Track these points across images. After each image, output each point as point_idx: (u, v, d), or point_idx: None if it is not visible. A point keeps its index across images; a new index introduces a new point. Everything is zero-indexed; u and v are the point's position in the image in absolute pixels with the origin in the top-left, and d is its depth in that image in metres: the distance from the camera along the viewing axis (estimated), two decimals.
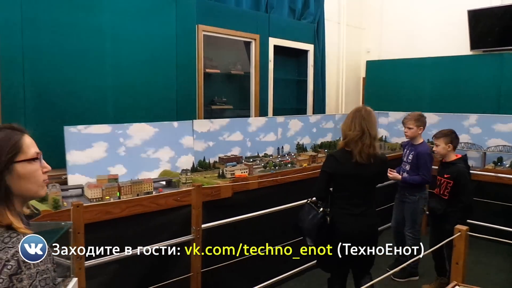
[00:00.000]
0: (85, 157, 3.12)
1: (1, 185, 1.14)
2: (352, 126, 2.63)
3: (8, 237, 1.11)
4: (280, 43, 5.40)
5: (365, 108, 2.71)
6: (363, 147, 2.57)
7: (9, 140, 1.17)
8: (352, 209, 2.67)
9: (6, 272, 1.05)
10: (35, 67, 3.16)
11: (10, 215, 1.15)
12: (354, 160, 2.59)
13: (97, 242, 2.44)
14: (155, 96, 3.85)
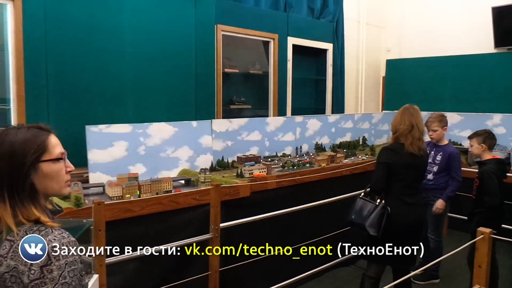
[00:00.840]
0: (106, 156, 3.17)
1: (27, 183, 1.18)
2: (402, 121, 2.88)
3: (37, 231, 1.14)
4: (298, 43, 5.38)
5: (412, 106, 2.96)
6: (413, 140, 2.82)
7: (36, 140, 1.20)
8: (407, 199, 2.85)
9: (37, 263, 1.09)
10: (58, 67, 3.23)
11: (36, 211, 1.18)
12: (408, 151, 2.82)
13: (118, 240, 2.47)
14: (175, 96, 3.90)
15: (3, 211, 1.14)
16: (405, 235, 2.82)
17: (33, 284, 1.08)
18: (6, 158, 1.15)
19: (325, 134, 4.90)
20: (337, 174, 3.97)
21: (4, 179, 1.15)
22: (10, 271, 1.10)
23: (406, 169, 2.85)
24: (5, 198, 1.15)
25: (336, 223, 3.82)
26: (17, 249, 1.11)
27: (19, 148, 1.17)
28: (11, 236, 1.14)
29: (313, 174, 3.84)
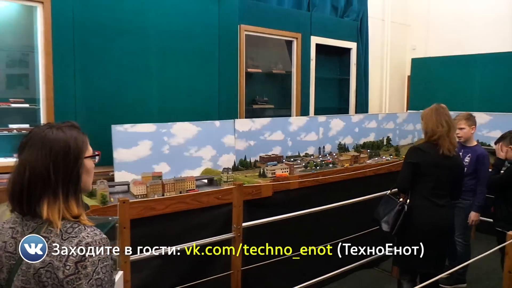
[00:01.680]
0: (131, 155, 3.23)
1: (80, 178, 1.24)
2: (439, 123, 2.80)
3: (71, 228, 1.18)
4: (322, 42, 5.34)
5: (441, 105, 2.91)
6: (451, 140, 2.78)
7: (83, 138, 1.27)
8: (436, 200, 2.79)
9: (72, 259, 1.13)
10: (85, 68, 3.31)
11: (79, 207, 1.23)
12: (441, 152, 2.76)
13: (142, 237, 2.52)
14: (198, 96, 3.93)
15: (52, 206, 1.17)
16: (433, 237, 2.75)
17: (68, 279, 1.11)
18: (62, 155, 1.19)
19: (348, 134, 4.86)
20: (361, 174, 3.92)
21: (59, 175, 1.18)
22: (45, 267, 1.13)
23: (436, 169, 2.79)
24: (58, 193, 1.18)
25: (359, 224, 3.78)
26: (52, 245, 1.14)
27: (73, 145, 1.22)
28: (46, 232, 1.17)
29: (336, 174, 3.80)
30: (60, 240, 1.15)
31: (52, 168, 1.18)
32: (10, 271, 1.19)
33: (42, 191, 1.17)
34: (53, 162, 1.18)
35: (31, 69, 3.26)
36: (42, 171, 1.17)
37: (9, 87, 3.27)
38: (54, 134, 1.21)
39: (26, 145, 1.22)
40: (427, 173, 2.80)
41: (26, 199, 1.18)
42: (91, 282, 1.13)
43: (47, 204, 1.17)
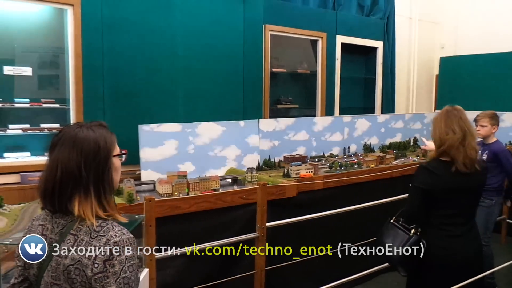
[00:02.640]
0: (157, 154, 3.28)
1: (110, 176, 1.27)
2: (449, 129, 2.21)
3: (99, 226, 1.20)
4: (347, 41, 5.28)
5: (455, 107, 2.30)
6: (466, 152, 2.15)
7: (111, 137, 1.30)
8: (453, 230, 2.22)
9: (100, 258, 1.15)
10: (113, 69, 3.39)
11: (113, 206, 1.27)
12: (454, 169, 2.16)
13: (167, 236, 2.55)
14: (223, 96, 3.96)
15: (84, 204, 1.20)
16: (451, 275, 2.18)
17: (96, 277, 1.14)
18: (92, 153, 1.22)
19: (374, 134, 4.79)
20: (386, 175, 3.86)
21: (90, 173, 1.21)
22: (74, 264, 1.16)
23: (450, 194, 2.21)
24: (90, 191, 1.21)
25: None
26: (81, 243, 1.17)
27: (103, 144, 1.25)
28: (75, 230, 1.20)
29: (361, 175, 3.76)
30: (89, 238, 1.18)
31: (83, 166, 1.20)
32: (40, 267, 1.22)
33: (73, 188, 1.20)
34: (84, 160, 1.21)
35: (62, 70, 3.36)
36: (73, 169, 1.19)
37: (40, 88, 3.37)
38: (85, 133, 1.24)
39: (57, 144, 1.24)
40: (439, 199, 2.22)
41: (58, 196, 1.20)
42: (119, 281, 1.15)
43: (79, 201, 1.20)
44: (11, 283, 1.32)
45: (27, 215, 2.35)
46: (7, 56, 3.17)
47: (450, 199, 2.21)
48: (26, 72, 3.19)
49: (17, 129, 3.17)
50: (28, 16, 3.25)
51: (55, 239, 1.21)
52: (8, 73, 3.13)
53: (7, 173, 3.05)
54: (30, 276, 1.27)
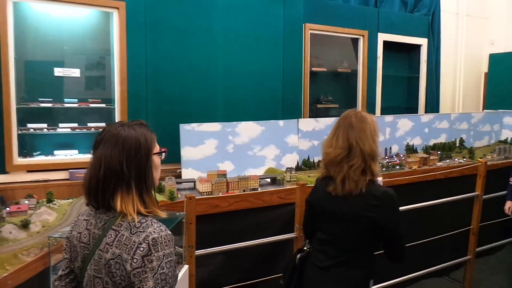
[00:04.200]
0: (198, 153, 3.34)
1: (151, 174, 1.31)
2: (334, 141, 1.84)
3: (139, 223, 1.24)
4: (390, 39, 5.16)
5: (357, 113, 1.89)
6: (349, 170, 1.75)
7: (151, 136, 1.33)
8: (322, 259, 1.87)
9: (139, 253, 1.18)
10: (155, 70, 3.49)
11: (154, 202, 1.31)
12: (331, 189, 1.81)
13: (206, 233, 2.59)
14: (262, 95, 3.97)
15: (125, 200, 1.24)
16: None
17: (134, 272, 1.17)
18: (134, 151, 1.26)
19: (417, 135, 4.65)
20: (430, 177, 3.73)
21: (132, 170, 1.25)
22: (115, 258, 1.20)
23: (327, 217, 1.88)
24: (131, 187, 1.25)
25: (428, 230, 3.61)
26: (122, 238, 1.21)
27: (143, 141, 1.29)
28: (116, 226, 1.24)
29: (404, 176, 3.65)
30: (129, 233, 1.21)
31: (125, 163, 1.24)
32: (83, 260, 1.28)
33: (116, 185, 1.24)
34: (126, 157, 1.25)
35: (107, 72, 3.49)
36: (116, 166, 1.24)
37: (88, 89, 3.52)
38: (126, 131, 1.28)
39: (100, 143, 1.29)
40: (317, 220, 1.94)
41: (101, 193, 1.25)
42: (156, 276, 1.17)
43: (121, 197, 1.24)
44: (58, 275, 1.38)
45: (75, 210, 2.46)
46: (57, 58, 3.34)
47: (323, 221, 1.90)
48: (75, 74, 3.35)
49: (66, 128, 3.33)
50: (76, 20, 3.40)
51: (98, 233, 1.26)
52: (58, 74, 3.30)
53: (57, 170, 3.21)
54: (76, 269, 1.32)
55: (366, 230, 1.77)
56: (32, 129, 3.20)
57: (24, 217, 2.15)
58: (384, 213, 1.74)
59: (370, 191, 1.75)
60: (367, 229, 1.76)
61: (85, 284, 1.27)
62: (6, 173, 3.07)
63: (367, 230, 1.77)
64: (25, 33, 3.21)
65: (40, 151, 3.31)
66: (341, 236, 1.82)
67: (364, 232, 1.77)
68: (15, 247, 1.93)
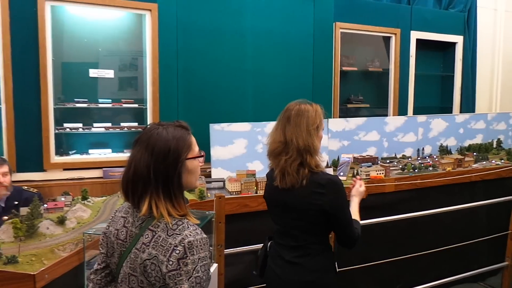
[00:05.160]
0: (227, 153, 3.36)
1: (179, 178, 1.27)
2: (274, 134, 1.88)
3: (175, 225, 1.24)
4: (423, 37, 5.03)
5: (297, 105, 1.92)
6: (286, 164, 1.77)
7: (185, 139, 1.30)
8: (283, 252, 1.88)
9: (175, 256, 1.18)
10: (186, 70, 3.54)
11: (185, 206, 1.29)
12: (276, 182, 1.83)
13: (235, 233, 2.61)
14: (292, 95, 3.90)
15: (155, 204, 1.24)
16: None
17: (170, 274, 1.17)
18: (162, 155, 1.24)
19: (451, 135, 4.51)
20: (465, 179, 3.61)
21: (160, 174, 1.24)
22: (151, 259, 1.20)
23: (274, 207, 1.93)
24: (160, 193, 1.24)
25: (462, 233, 3.50)
26: (158, 239, 1.22)
27: (174, 146, 1.26)
28: (153, 226, 1.24)
29: (437, 178, 3.56)
30: (166, 235, 1.21)
31: (152, 168, 1.23)
32: (120, 257, 1.30)
33: (143, 189, 1.24)
34: (154, 162, 1.23)
35: (140, 72, 3.57)
36: (143, 170, 1.23)
37: (121, 89, 3.61)
38: (158, 134, 1.26)
39: (136, 143, 1.29)
40: (271, 211, 1.98)
41: (131, 193, 1.27)
42: (191, 280, 1.17)
43: (149, 201, 1.23)
44: (94, 269, 1.41)
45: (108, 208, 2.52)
46: (92, 59, 3.44)
47: (276, 214, 1.93)
48: (109, 75, 3.44)
49: (100, 128, 3.43)
50: (110, 22, 3.49)
51: (135, 232, 1.27)
52: (93, 75, 3.40)
53: (91, 168, 3.31)
54: (112, 264, 1.35)
55: (316, 218, 1.77)
56: (68, 129, 3.32)
57: (61, 214, 2.23)
58: (329, 198, 1.74)
59: (314, 180, 1.76)
60: (316, 217, 1.77)
61: (120, 280, 1.29)
62: (44, 171, 3.19)
63: (316, 217, 1.77)
64: (62, 35, 3.33)
65: (76, 149, 3.42)
66: (295, 227, 1.83)
67: (314, 220, 1.78)
68: (52, 242, 2.00)
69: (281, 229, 1.91)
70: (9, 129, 3.05)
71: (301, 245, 1.83)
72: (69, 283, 1.95)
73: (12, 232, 1.96)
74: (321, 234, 1.85)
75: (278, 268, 1.88)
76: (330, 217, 1.77)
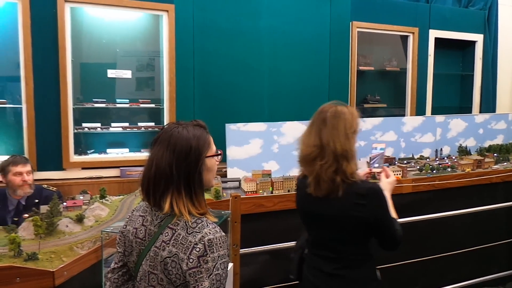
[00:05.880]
0: (243, 153, 3.37)
1: (200, 176, 1.30)
2: (307, 138, 1.75)
3: (195, 223, 1.25)
4: (442, 35, 4.95)
5: (333, 107, 1.77)
6: (321, 170, 1.64)
7: (205, 138, 1.33)
8: (321, 264, 1.78)
9: (195, 253, 1.20)
10: (202, 70, 3.57)
11: (205, 204, 1.31)
12: (310, 190, 1.71)
13: (250, 232, 2.61)
14: (308, 95, 3.95)
15: (176, 202, 1.25)
16: None
17: (190, 271, 1.19)
18: (183, 154, 1.26)
19: (470, 136, 4.43)
20: (485, 181, 3.54)
21: (182, 172, 1.26)
22: (171, 257, 1.22)
23: (307, 218, 1.84)
24: (181, 190, 1.26)
25: (482, 236, 3.44)
26: (178, 237, 1.23)
27: (195, 144, 1.28)
28: (173, 224, 1.26)
29: (456, 179, 3.50)
30: (186, 233, 1.23)
31: (174, 166, 1.25)
32: (139, 255, 1.31)
33: (165, 186, 1.25)
34: (176, 160, 1.25)
35: (157, 73, 3.60)
36: (165, 168, 1.25)
37: (138, 89, 3.65)
38: (179, 133, 1.28)
39: (156, 142, 1.31)
40: (305, 221, 1.87)
41: (152, 192, 1.28)
42: (211, 277, 1.18)
43: (170, 199, 1.25)
44: (111, 267, 1.42)
45: (125, 206, 2.55)
46: (110, 60, 3.49)
47: (310, 224, 1.83)
48: (126, 75, 3.48)
49: (118, 127, 3.47)
50: (128, 23, 3.54)
51: (154, 230, 1.28)
52: (111, 76, 3.45)
53: (109, 167, 3.35)
54: (130, 263, 1.36)
55: (356, 229, 1.68)
56: (86, 128, 3.37)
57: (79, 212, 2.27)
58: (372, 209, 1.63)
59: (353, 189, 1.64)
60: (357, 228, 1.67)
61: (139, 278, 1.30)
62: (63, 169, 3.25)
63: (357, 229, 1.67)
64: (81, 36, 3.38)
65: (94, 149, 3.48)
66: (334, 239, 1.73)
67: (355, 231, 1.68)
68: (71, 240, 2.03)
69: (317, 240, 1.82)
70: (29, 128, 3.12)
71: (341, 257, 1.73)
72: (87, 280, 1.98)
73: (33, 230, 2.00)
74: (361, 243, 1.74)
75: (318, 280, 1.79)
76: (373, 227, 1.67)
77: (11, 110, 3.24)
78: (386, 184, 1.94)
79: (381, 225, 1.67)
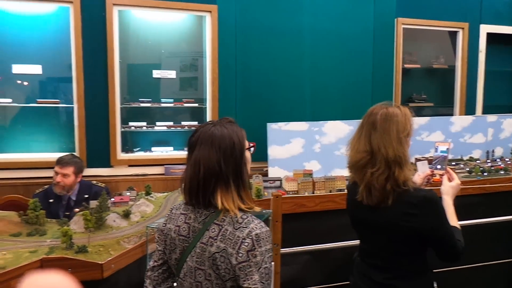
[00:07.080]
0: (284, 152, 3.37)
1: (245, 170, 1.35)
2: (355, 143, 1.66)
3: (241, 218, 1.28)
4: (494, 30, 4.70)
5: (384, 108, 1.65)
6: (372, 177, 1.56)
7: (242, 133, 1.37)
8: (371, 273, 1.70)
9: (244, 248, 1.23)
10: (244, 70, 3.59)
11: (251, 199, 1.35)
12: (360, 198, 1.63)
13: (291, 232, 2.60)
14: (350, 94, 3.88)
15: (226, 197, 1.29)
16: None
17: (240, 265, 1.22)
18: (229, 150, 1.31)
19: None
20: None
21: (229, 168, 1.30)
22: (220, 252, 1.25)
23: (358, 225, 1.77)
24: (230, 185, 1.30)
25: None
26: (226, 232, 1.26)
27: (236, 139, 1.33)
28: (219, 220, 1.29)
29: (509, 182, 3.32)
30: (233, 228, 1.26)
31: (222, 162, 1.29)
32: (182, 252, 1.33)
33: (215, 184, 1.29)
34: (223, 157, 1.29)
35: (200, 73, 3.67)
36: (215, 166, 1.28)
37: (182, 89, 3.73)
38: (220, 131, 1.32)
39: (196, 144, 1.33)
40: (355, 227, 1.80)
41: (202, 192, 1.30)
42: (261, 271, 1.22)
43: (221, 195, 1.29)
44: (150, 266, 1.45)
45: (170, 203, 2.62)
46: (155, 61, 3.59)
47: (361, 232, 1.76)
48: (171, 75, 3.57)
49: (163, 126, 3.57)
50: (172, 25, 3.62)
51: (198, 227, 1.31)
52: (156, 76, 3.55)
53: (154, 165, 3.45)
54: (171, 260, 1.38)
55: (407, 240, 1.59)
56: (133, 127, 3.49)
57: (126, 208, 2.35)
58: (426, 220, 1.53)
59: (405, 198, 1.55)
60: (408, 239, 1.58)
61: (183, 275, 1.33)
62: (111, 167, 3.38)
63: (408, 239, 1.58)
64: (128, 38, 3.50)
65: (140, 147, 3.59)
66: (385, 248, 1.64)
67: (405, 242, 1.59)
68: (118, 234, 2.11)
69: (367, 248, 1.75)
70: (80, 127, 3.27)
71: (392, 267, 1.65)
72: (133, 273, 2.05)
73: (83, 224, 2.10)
74: (414, 254, 1.65)
75: None
76: (428, 237, 1.58)
77: (64, 110, 3.40)
78: (448, 188, 1.85)
79: (437, 235, 1.58)
